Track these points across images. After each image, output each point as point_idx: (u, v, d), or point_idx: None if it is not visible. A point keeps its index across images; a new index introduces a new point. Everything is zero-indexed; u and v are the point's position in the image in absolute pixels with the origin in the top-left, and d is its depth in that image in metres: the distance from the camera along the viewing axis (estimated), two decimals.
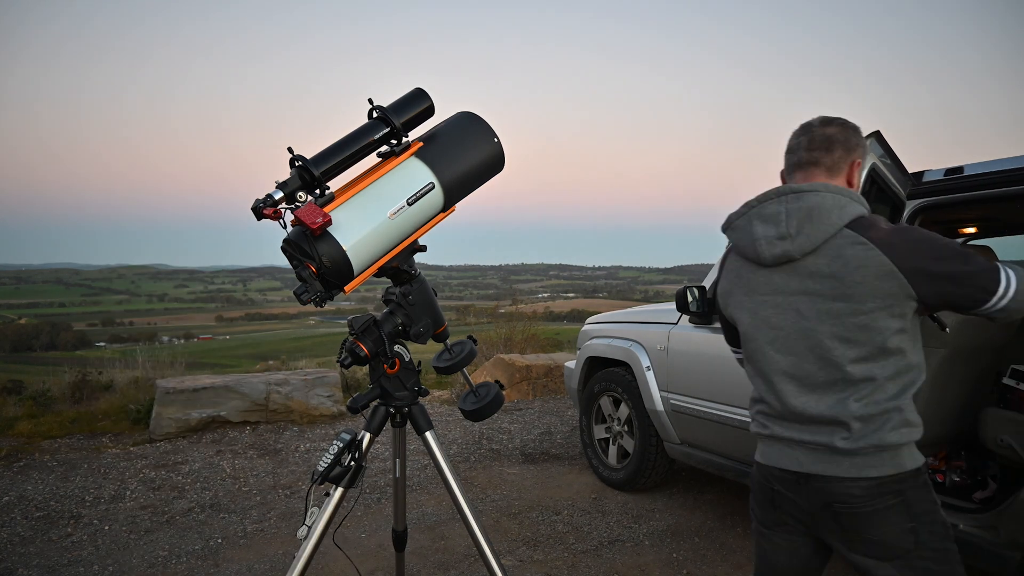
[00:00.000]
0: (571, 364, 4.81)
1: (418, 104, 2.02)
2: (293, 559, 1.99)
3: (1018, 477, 2.60)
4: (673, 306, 3.70)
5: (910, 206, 2.81)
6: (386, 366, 2.05)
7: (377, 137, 1.97)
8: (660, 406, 3.79)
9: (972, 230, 4.03)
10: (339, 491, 2.01)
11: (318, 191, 1.90)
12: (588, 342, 4.56)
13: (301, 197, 1.88)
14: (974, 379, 3.05)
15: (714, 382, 3.44)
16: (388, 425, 2.14)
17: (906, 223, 2.80)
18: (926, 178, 2.82)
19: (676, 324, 3.80)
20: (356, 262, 1.87)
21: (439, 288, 2.33)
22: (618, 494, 4.12)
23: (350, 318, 2.04)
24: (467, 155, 2.06)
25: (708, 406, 3.47)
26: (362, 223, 1.88)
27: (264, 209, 1.80)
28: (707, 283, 3.63)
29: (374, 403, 2.11)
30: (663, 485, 4.20)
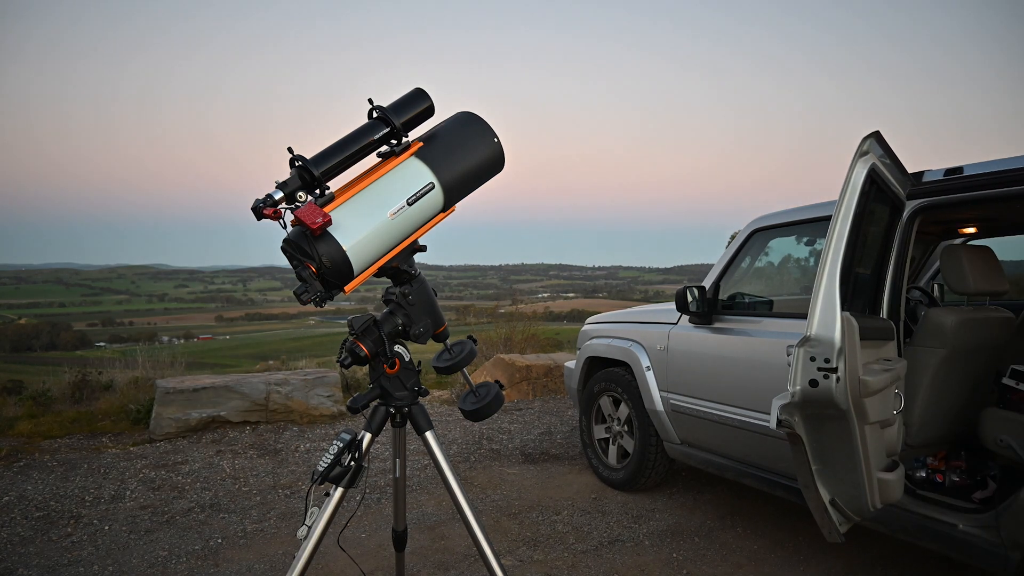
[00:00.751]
0: (571, 364, 4.81)
1: (418, 104, 2.03)
2: (293, 559, 1.99)
3: (1018, 477, 2.60)
4: (673, 306, 3.70)
5: (910, 206, 2.81)
6: (386, 366, 2.05)
7: (377, 137, 1.97)
8: (660, 406, 3.79)
9: (972, 230, 4.03)
10: (339, 491, 2.01)
11: (318, 191, 1.90)
12: (588, 342, 4.56)
13: (301, 197, 1.88)
14: (974, 379, 3.06)
15: (714, 382, 3.44)
16: (388, 425, 2.14)
17: (906, 223, 2.80)
18: (926, 178, 2.82)
19: (676, 324, 3.80)
20: (356, 262, 1.87)
21: (439, 288, 2.33)
22: (618, 494, 4.12)
23: (350, 318, 2.04)
24: (467, 155, 2.06)
25: (708, 406, 3.47)
26: (362, 223, 1.89)
27: (264, 209, 1.80)
28: (707, 283, 3.64)
29: (374, 403, 2.11)
30: (663, 485, 4.20)
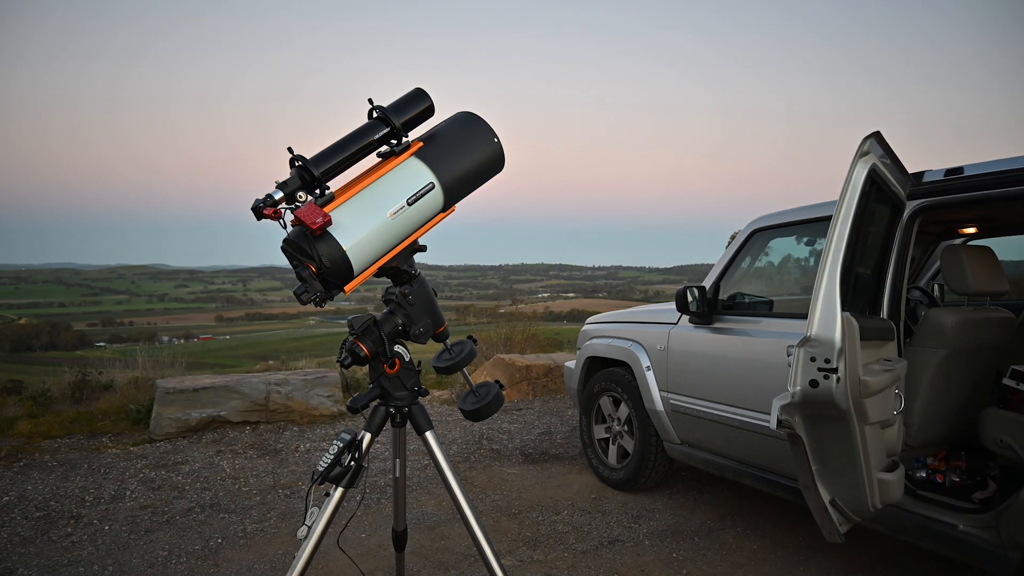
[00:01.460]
0: (571, 364, 4.81)
1: (418, 104, 2.03)
2: (293, 559, 1.99)
3: (1018, 477, 2.60)
4: (673, 306, 3.70)
5: (910, 206, 2.81)
6: (386, 366, 2.05)
7: (377, 137, 1.97)
8: (660, 406, 3.79)
9: (972, 230, 4.03)
10: (339, 491, 2.01)
11: (318, 191, 1.90)
12: (588, 342, 4.56)
13: (301, 197, 1.88)
14: (974, 379, 3.06)
15: (714, 382, 3.44)
16: (388, 425, 2.14)
17: (906, 223, 2.80)
18: (926, 178, 2.82)
19: (676, 324, 3.80)
20: (356, 262, 1.87)
21: (439, 288, 2.33)
22: (618, 494, 4.12)
23: (350, 318, 2.04)
24: (467, 155, 2.06)
25: (708, 406, 3.47)
26: (362, 223, 1.89)
27: (264, 209, 1.80)
28: (707, 283, 3.64)
29: (374, 403, 2.11)
30: (663, 485, 4.19)
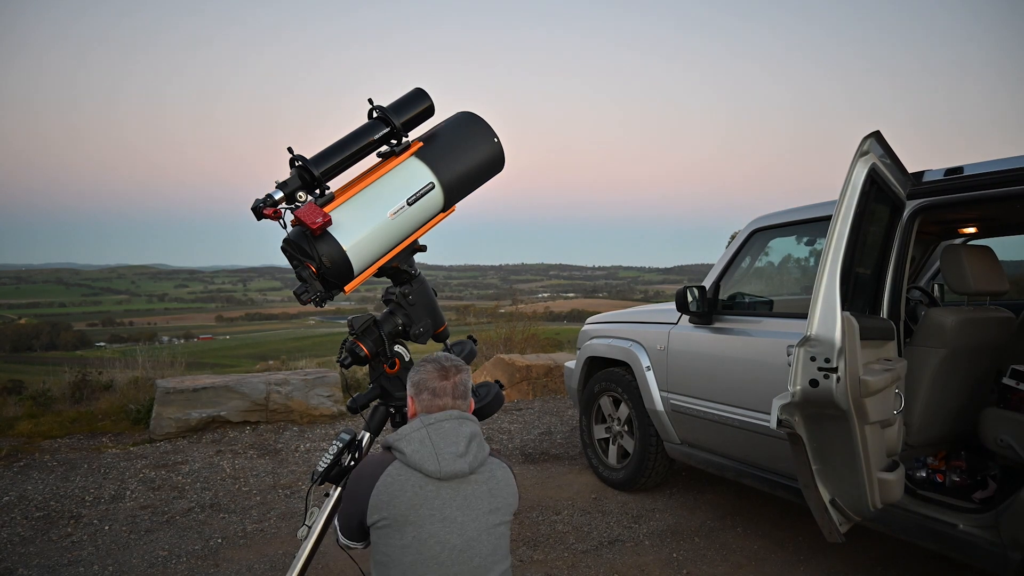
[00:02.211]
0: (571, 364, 4.81)
1: (418, 104, 2.03)
2: (293, 559, 1.99)
3: (1018, 477, 2.60)
4: (673, 306, 3.70)
5: (910, 206, 2.81)
6: (386, 366, 2.05)
7: (377, 137, 1.97)
8: (660, 406, 3.79)
9: (972, 230, 4.03)
10: (339, 491, 2.01)
11: (318, 191, 1.90)
12: (588, 342, 4.55)
13: (301, 197, 1.88)
14: (974, 379, 3.06)
15: (714, 382, 3.44)
16: (388, 425, 2.14)
17: (906, 223, 2.80)
18: (926, 178, 2.82)
19: (676, 324, 3.80)
20: (356, 262, 1.87)
21: (439, 288, 2.33)
22: (618, 494, 4.12)
23: (350, 318, 2.04)
24: (467, 155, 2.06)
25: (708, 406, 3.46)
26: (362, 223, 1.89)
27: (264, 209, 1.80)
28: (707, 283, 3.64)
29: (374, 403, 2.11)
30: (663, 485, 4.19)
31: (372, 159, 2.04)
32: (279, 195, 1.84)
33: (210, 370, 10.05)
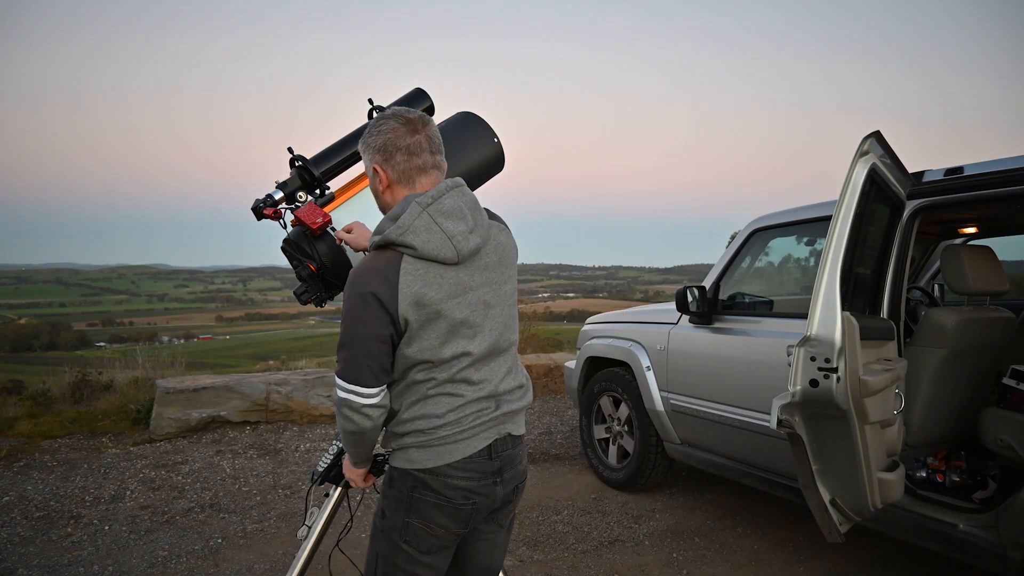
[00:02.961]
0: (571, 364, 4.81)
1: (418, 104, 2.03)
2: (293, 559, 1.99)
3: (1018, 477, 2.60)
4: (673, 306, 3.70)
5: (910, 206, 2.81)
6: None
7: None
8: (660, 406, 3.79)
9: (972, 230, 4.03)
10: (339, 491, 2.01)
11: (318, 191, 1.90)
12: (588, 342, 4.55)
13: (301, 197, 1.88)
14: (974, 379, 3.06)
15: (714, 382, 3.44)
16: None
17: (906, 223, 2.80)
18: (926, 178, 2.82)
19: (676, 324, 3.80)
20: (356, 262, 1.87)
21: None
22: (618, 494, 4.12)
23: None
24: (467, 155, 2.06)
25: (708, 406, 3.47)
26: (362, 223, 1.89)
27: (264, 209, 1.80)
28: (707, 283, 3.64)
29: None
30: (663, 485, 4.19)
31: None
32: (279, 195, 1.84)
33: (210, 370, 10.04)
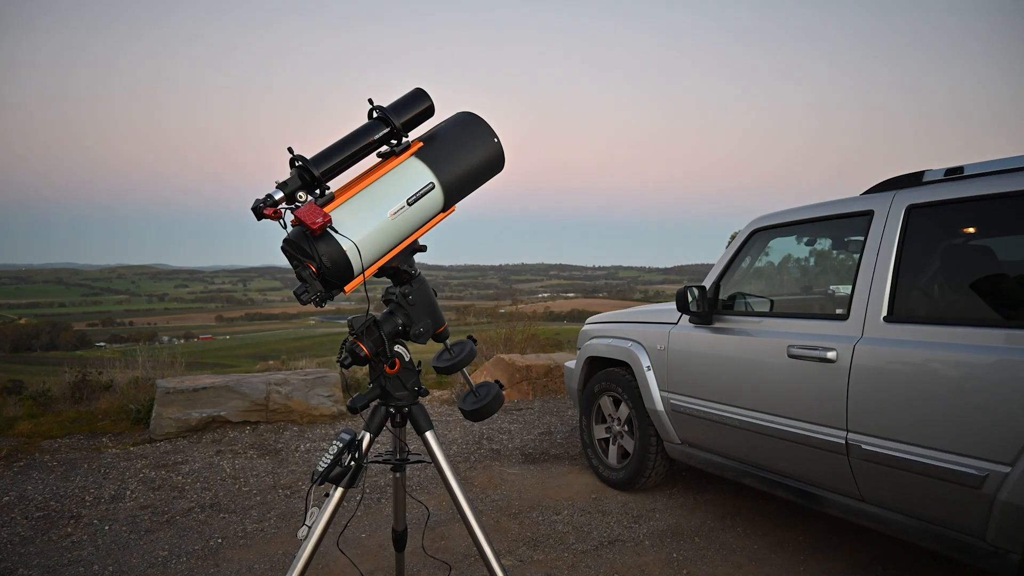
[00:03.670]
0: (571, 364, 4.81)
1: (418, 104, 2.03)
2: (293, 559, 1.99)
3: None
4: (673, 306, 3.70)
5: (909, 205, 2.81)
6: (386, 366, 2.05)
7: (377, 137, 1.97)
8: (660, 406, 3.79)
9: (972, 230, 4.03)
10: (339, 491, 2.01)
11: (318, 191, 1.90)
12: (588, 342, 4.56)
13: (301, 197, 1.88)
14: None
15: (714, 382, 3.44)
16: (388, 425, 2.14)
17: (904, 223, 2.80)
18: (926, 178, 2.82)
19: (676, 324, 3.80)
20: (356, 262, 1.87)
21: (439, 288, 2.33)
22: (618, 494, 4.12)
23: (350, 318, 2.03)
24: (467, 155, 2.06)
25: (708, 406, 3.46)
26: (362, 223, 1.89)
27: (264, 209, 1.80)
28: (707, 283, 3.64)
29: (374, 403, 2.11)
30: (663, 485, 4.19)
31: (372, 159, 2.04)
32: (279, 195, 1.84)
33: (210, 370, 10.04)
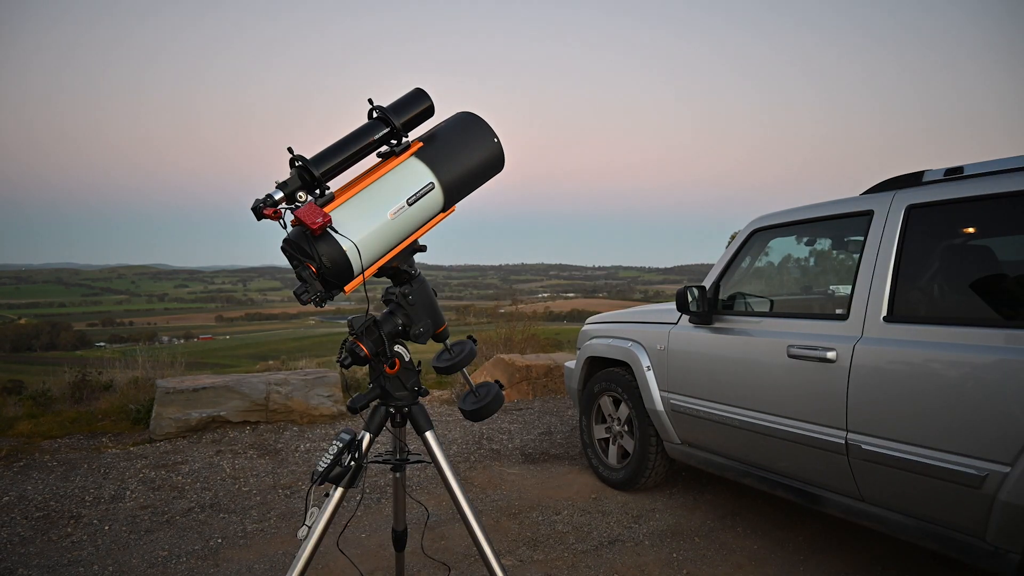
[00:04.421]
0: (571, 364, 4.81)
1: (418, 104, 2.03)
2: (293, 559, 1.99)
3: None
4: (673, 306, 3.70)
5: (909, 205, 2.81)
6: (386, 366, 2.05)
7: (377, 137, 1.97)
8: (660, 406, 3.79)
9: (972, 230, 4.03)
10: (339, 491, 2.01)
11: (318, 191, 1.90)
12: (588, 342, 4.56)
13: (301, 197, 1.88)
14: None
15: (714, 382, 3.44)
16: (388, 425, 2.14)
17: (903, 223, 2.80)
18: (926, 178, 2.82)
19: (676, 324, 3.80)
20: (356, 262, 1.87)
21: (439, 288, 2.33)
22: (618, 494, 4.12)
23: (350, 318, 2.03)
24: (467, 155, 2.06)
25: (708, 406, 3.46)
26: (362, 223, 1.89)
27: (264, 209, 1.80)
28: (707, 283, 3.64)
29: (374, 403, 2.11)
30: (663, 485, 4.19)
31: (372, 159, 2.04)
32: (279, 195, 1.84)
33: (210, 370, 10.05)
